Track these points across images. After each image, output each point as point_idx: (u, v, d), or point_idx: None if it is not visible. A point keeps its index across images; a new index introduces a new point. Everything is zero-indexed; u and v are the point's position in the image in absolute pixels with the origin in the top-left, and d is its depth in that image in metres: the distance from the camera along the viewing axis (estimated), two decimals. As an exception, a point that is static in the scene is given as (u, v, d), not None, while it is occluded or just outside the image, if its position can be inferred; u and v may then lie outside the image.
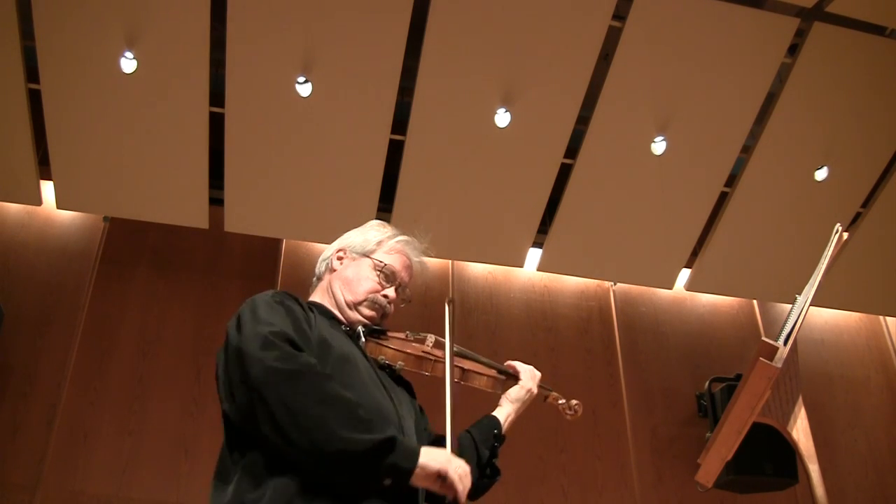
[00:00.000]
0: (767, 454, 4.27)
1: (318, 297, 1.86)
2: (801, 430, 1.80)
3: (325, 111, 4.32)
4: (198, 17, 4.00)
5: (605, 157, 4.63)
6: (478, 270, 5.14)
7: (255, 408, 1.43)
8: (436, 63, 4.23)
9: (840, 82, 4.47)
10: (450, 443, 1.56)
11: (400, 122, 4.48)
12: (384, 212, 4.63)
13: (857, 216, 5.07)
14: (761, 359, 1.69)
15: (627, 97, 4.43)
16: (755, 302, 5.43)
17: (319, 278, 1.91)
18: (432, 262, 2.01)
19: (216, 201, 4.60)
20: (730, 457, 1.74)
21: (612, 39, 4.30)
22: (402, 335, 1.87)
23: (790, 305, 1.95)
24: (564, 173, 4.71)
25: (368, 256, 1.87)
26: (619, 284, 5.28)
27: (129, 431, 4.19)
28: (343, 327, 1.78)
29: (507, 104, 4.35)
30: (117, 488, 4.04)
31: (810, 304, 1.84)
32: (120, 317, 4.50)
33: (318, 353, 1.56)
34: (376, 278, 1.84)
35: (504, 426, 1.89)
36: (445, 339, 1.74)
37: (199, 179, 4.44)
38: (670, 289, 5.21)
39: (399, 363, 1.77)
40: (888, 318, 5.59)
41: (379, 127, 4.37)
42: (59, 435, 4.11)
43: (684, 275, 5.19)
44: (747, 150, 4.74)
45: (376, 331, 1.82)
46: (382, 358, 1.76)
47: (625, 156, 4.63)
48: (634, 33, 4.24)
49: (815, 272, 1.89)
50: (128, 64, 4.05)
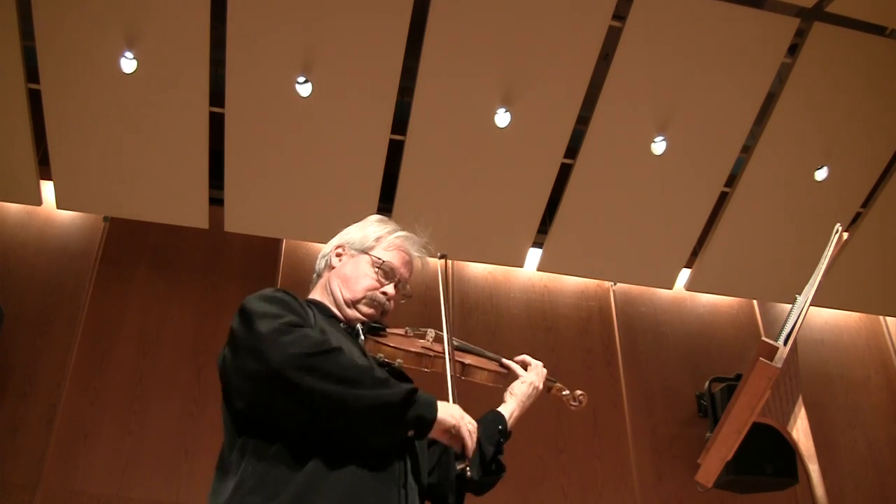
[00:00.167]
0: (767, 454, 4.28)
1: (317, 294, 1.84)
2: (801, 430, 1.80)
3: (325, 111, 4.32)
4: (198, 17, 4.00)
5: (605, 157, 4.63)
6: (478, 270, 5.14)
7: (277, 394, 1.44)
8: (436, 63, 4.23)
9: (840, 82, 4.47)
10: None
11: (400, 122, 4.48)
12: (384, 212, 4.62)
13: (857, 216, 5.07)
14: (761, 359, 1.69)
15: (627, 97, 4.43)
16: (755, 302, 5.43)
17: (319, 275, 1.88)
18: (432, 262, 2.00)
19: (216, 201, 4.60)
20: (730, 457, 1.73)
21: (612, 39, 4.30)
22: (401, 332, 1.85)
23: (790, 305, 1.95)
24: (564, 173, 4.71)
25: (367, 253, 1.84)
26: (619, 284, 5.28)
27: (129, 431, 4.19)
28: (342, 325, 1.76)
29: (507, 104, 4.35)
30: (117, 488, 4.04)
31: (810, 304, 1.84)
32: (120, 317, 4.50)
33: None
34: (375, 275, 1.81)
35: (509, 422, 1.86)
36: (440, 295, 1.79)
37: (199, 179, 4.44)
38: (670, 289, 5.21)
39: (398, 361, 1.76)
40: (888, 318, 5.59)
41: (379, 127, 4.37)
42: (59, 435, 4.11)
43: (684, 275, 5.18)
44: (747, 150, 4.74)
45: (375, 328, 1.81)
46: (381, 356, 1.75)
47: (625, 156, 4.63)
48: (634, 33, 4.24)
49: (815, 272, 1.89)
50: (128, 64, 4.05)
